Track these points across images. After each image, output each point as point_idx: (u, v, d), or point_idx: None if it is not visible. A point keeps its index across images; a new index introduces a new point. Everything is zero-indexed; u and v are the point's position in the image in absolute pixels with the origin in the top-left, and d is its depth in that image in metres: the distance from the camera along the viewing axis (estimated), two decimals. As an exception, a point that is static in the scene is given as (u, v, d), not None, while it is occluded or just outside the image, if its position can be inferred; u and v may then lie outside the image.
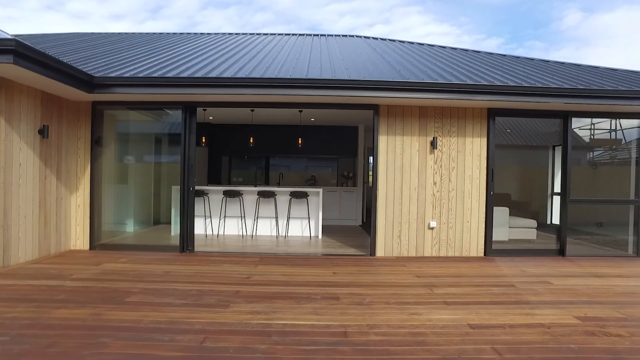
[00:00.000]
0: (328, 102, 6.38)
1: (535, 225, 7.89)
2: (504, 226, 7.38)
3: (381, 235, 6.55)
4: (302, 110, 9.06)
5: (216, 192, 8.48)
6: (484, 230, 6.58)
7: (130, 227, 8.46)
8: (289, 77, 5.81)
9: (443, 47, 10.19)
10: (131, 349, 2.80)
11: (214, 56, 7.69)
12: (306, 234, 8.63)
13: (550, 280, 4.95)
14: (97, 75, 5.71)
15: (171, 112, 8.64)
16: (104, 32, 11.43)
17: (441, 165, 6.60)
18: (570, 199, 6.61)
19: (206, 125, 11.11)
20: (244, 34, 11.56)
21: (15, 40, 4.23)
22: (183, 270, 5.16)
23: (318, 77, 5.84)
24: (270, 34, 11.68)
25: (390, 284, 4.73)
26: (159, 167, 9.66)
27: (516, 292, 4.45)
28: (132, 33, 11.48)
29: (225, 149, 11.67)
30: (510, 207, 7.83)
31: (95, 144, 6.45)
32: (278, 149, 11.63)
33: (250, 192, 8.50)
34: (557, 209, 10.24)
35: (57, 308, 3.61)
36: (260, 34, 11.68)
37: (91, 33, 11.27)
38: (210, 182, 11.57)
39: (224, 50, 8.47)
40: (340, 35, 11.93)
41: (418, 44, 10.67)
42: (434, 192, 6.60)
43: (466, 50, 9.85)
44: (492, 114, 6.53)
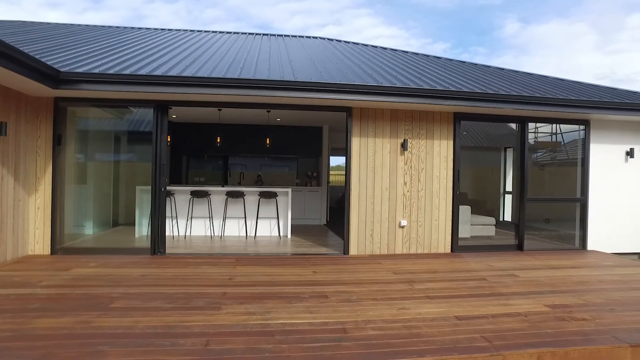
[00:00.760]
0: (305, 104, 6.44)
1: (494, 223, 8.43)
2: (466, 224, 7.82)
3: (354, 234, 6.72)
4: (269, 111, 9.04)
5: (183, 193, 8.27)
6: (450, 227, 6.95)
7: (89, 230, 8.04)
8: (270, 79, 5.81)
9: (405, 51, 10.57)
10: (135, 356, 2.73)
11: (183, 54, 7.50)
12: (275, 233, 8.64)
13: (516, 273, 5.35)
14: (64, 70, 5.40)
15: (134, 110, 8.32)
16: (53, 23, 10.72)
17: (411, 166, 6.88)
18: (528, 197, 7.12)
19: (169, 124, 10.76)
20: (206, 32, 11.31)
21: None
22: (161, 274, 5.01)
23: (302, 80, 5.88)
24: (234, 33, 11.52)
25: (372, 281, 4.90)
26: (119, 166, 9.26)
27: (489, 285, 4.78)
28: (86, 25, 10.87)
29: (186, 148, 11.36)
30: (467, 206, 8.31)
31: (57, 142, 6.08)
32: (241, 149, 11.50)
33: (218, 192, 8.37)
34: (509, 206, 11.02)
35: (37, 317, 3.41)
36: (222, 32, 11.48)
37: (39, 23, 10.54)
38: (172, 182, 11.22)
39: (191, 48, 8.28)
40: (305, 37, 12.01)
41: (382, 47, 10.98)
42: (405, 192, 6.87)
43: (427, 55, 10.29)
44: (458, 118, 6.90)
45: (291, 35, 12.03)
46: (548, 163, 11.03)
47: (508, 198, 11.21)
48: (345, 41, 11.66)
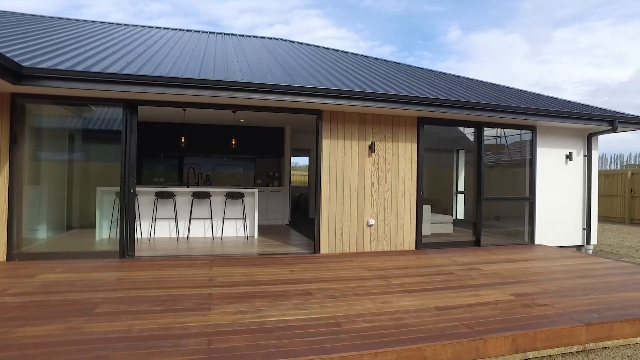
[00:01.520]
0: (280, 107, 6.53)
1: (452, 221, 8.97)
2: (427, 222, 8.26)
3: (325, 234, 6.91)
4: (235, 112, 9.01)
5: (146, 194, 8.03)
6: (415, 226, 7.34)
7: (42, 234, 7.59)
8: (251, 81, 5.83)
9: (366, 56, 10.94)
10: (140, 358, 2.73)
11: (149, 52, 7.31)
12: (241, 234, 8.63)
13: (479, 267, 5.80)
14: (26, 65, 5.11)
15: (93, 108, 7.97)
16: (-6, 12, 9.94)
17: (378, 168, 7.19)
18: (484, 197, 7.68)
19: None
20: (165, 29, 11.02)
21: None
22: (137, 277, 4.91)
23: (279, 84, 5.96)
24: (194, 31, 11.31)
25: (350, 278, 5.11)
26: (73, 166, 8.80)
27: (457, 278, 5.16)
28: (33, 15, 10.18)
29: (143, 147, 10.98)
30: (428, 205, 8.79)
31: (13, 141, 5.72)
32: (200, 149, 11.31)
33: (184, 193, 8.22)
34: (461, 205, 11.72)
35: (20, 326, 3.26)
36: (183, 30, 11.24)
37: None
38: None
39: (157, 45, 8.06)
40: (267, 38, 12.03)
41: (343, 51, 11.27)
42: (372, 192, 7.16)
43: (387, 61, 10.71)
44: (422, 122, 7.31)
45: (245, 35, 11.99)
46: (493, 164, 11.87)
47: (460, 197, 11.96)
48: (307, 44, 11.83)
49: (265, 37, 12.02)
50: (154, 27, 10.89)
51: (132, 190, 6.08)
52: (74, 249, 6.60)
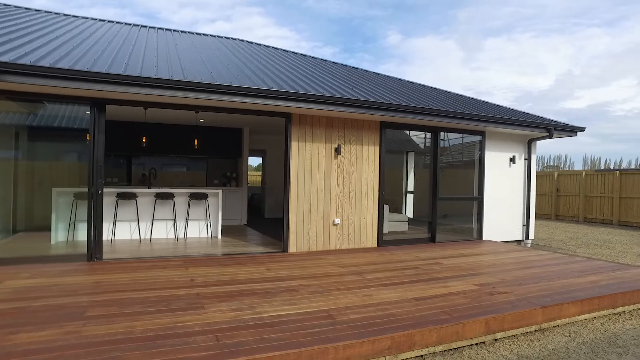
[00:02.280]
0: (249, 109, 6.62)
1: (407, 219, 9.54)
2: (385, 220, 8.74)
3: (293, 233, 7.12)
4: (198, 112, 8.90)
5: (106, 195, 7.73)
6: (377, 224, 7.77)
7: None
8: (226, 84, 5.88)
9: (325, 60, 11.27)
10: (155, 357, 2.80)
11: (111, 47, 7.07)
12: (204, 235, 8.59)
13: (440, 261, 6.33)
14: (-14, 59, 4.80)
15: (46, 104, 7.56)
16: None
17: (343, 170, 7.53)
18: (439, 197, 8.30)
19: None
20: (119, 23, 10.59)
21: None
22: (115, 280, 4.82)
23: (254, 87, 6.07)
24: (150, 27, 10.98)
25: (326, 275, 5.38)
26: (22, 165, 8.26)
27: (424, 272, 5.61)
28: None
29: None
30: (386, 205, 9.29)
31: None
32: (159, 149, 11.00)
33: (146, 194, 8.03)
34: (410, 204, 12.42)
35: (12, 333, 3.16)
36: (134, 25, 10.86)
37: None
38: (81, 183, 10.23)
39: (117, 41, 7.79)
40: (223, 37, 11.96)
41: (301, 54, 11.51)
42: (338, 193, 7.49)
43: (345, 65, 11.12)
44: (384, 126, 7.76)
45: (210, 35, 11.86)
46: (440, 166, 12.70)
47: (410, 197, 12.68)
48: (265, 45, 11.92)
49: (223, 37, 11.94)
50: (105, 21, 10.42)
51: (100, 192, 5.89)
52: (33, 254, 6.25)
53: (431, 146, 8.40)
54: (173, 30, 11.23)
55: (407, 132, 10.41)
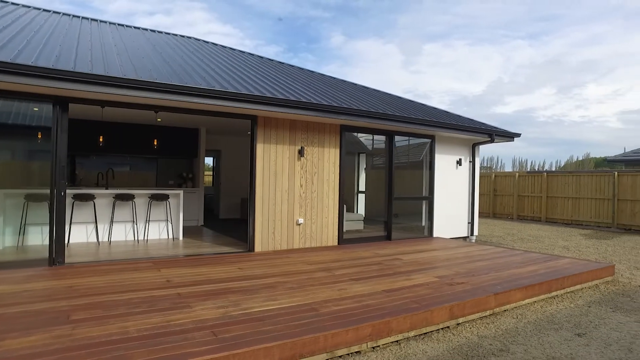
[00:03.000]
0: (214, 111, 6.71)
1: (362, 218, 10.03)
2: (344, 219, 9.16)
3: (259, 232, 7.31)
4: (157, 111, 8.76)
5: (59, 197, 7.41)
6: (337, 223, 8.15)
7: None
8: (199, 87, 5.95)
9: (282, 62, 11.48)
10: (159, 353, 2.92)
11: (69, 42, 6.82)
12: (164, 236, 8.50)
13: (399, 257, 6.83)
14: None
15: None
16: None
17: (306, 171, 7.82)
18: (394, 197, 8.85)
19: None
20: (67, 15, 10.08)
21: None
22: (88, 283, 4.75)
23: (221, 90, 6.18)
24: (101, 21, 10.55)
25: (297, 272, 5.64)
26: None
27: (387, 267, 6.06)
28: None
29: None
30: (344, 204, 9.71)
31: None
32: (113, 148, 10.61)
33: (104, 195, 7.79)
34: (362, 204, 12.97)
35: (1, 340, 3.12)
36: (83, 17, 10.40)
37: None
38: (33, 184, 9.61)
39: (72, 35, 7.49)
40: (178, 35, 11.77)
41: (259, 56, 11.64)
42: (301, 194, 7.77)
43: (302, 68, 11.41)
44: (344, 129, 8.16)
45: (165, 32, 11.62)
46: (383, 167, 13.39)
47: (361, 197, 13.24)
48: (213, 43, 11.88)
49: (178, 35, 11.75)
50: (41, 10, 9.87)
51: (62, 193, 5.71)
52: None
53: (386, 149, 8.93)
54: (118, 24, 10.87)
55: (355, 134, 10.89)
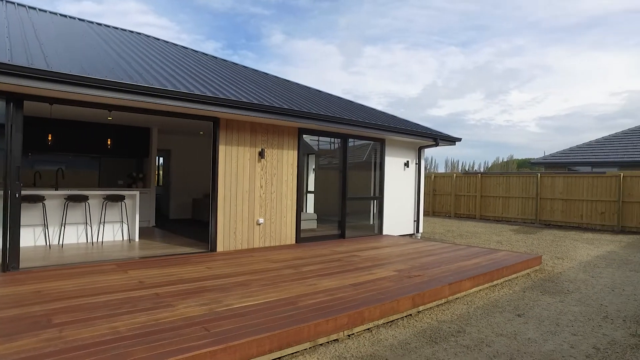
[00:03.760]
0: (175, 112, 6.73)
1: (316, 218, 10.40)
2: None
3: (221, 233, 7.42)
4: (111, 111, 8.50)
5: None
6: (295, 223, 8.46)
7: None
8: (162, 88, 5.94)
9: (236, 64, 11.54)
10: (157, 349, 3.06)
11: (20, 36, 6.47)
12: (119, 237, 8.29)
13: (356, 254, 7.29)
14: None
15: None
16: None
17: (266, 172, 8.05)
18: (348, 197, 9.33)
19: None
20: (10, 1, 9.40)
21: None
22: (57, 287, 4.64)
23: (186, 92, 6.22)
24: (51, 13, 9.95)
25: (265, 270, 5.88)
26: None
27: (347, 263, 6.48)
28: None
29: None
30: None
31: None
32: (62, 147, 10.04)
33: (55, 197, 7.45)
34: (311, 204, 13.35)
35: (-17, 343, 3.07)
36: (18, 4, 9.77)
37: None
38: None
39: (17, 26, 7.09)
40: (135, 32, 11.39)
41: (212, 56, 11.60)
42: (261, 194, 7.98)
43: (256, 70, 11.55)
44: (302, 132, 8.48)
45: (113, 27, 11.18)
46: (328, 167, 13.90)
47: (310, 197, 13.63)
48: (155, 37, 11.64)
49: (127, 30, 11.36)
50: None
51: (17, 195, 5.47)
52: None
53: (341, 151, 9.38)
54: (69, 16, 10.34)
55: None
